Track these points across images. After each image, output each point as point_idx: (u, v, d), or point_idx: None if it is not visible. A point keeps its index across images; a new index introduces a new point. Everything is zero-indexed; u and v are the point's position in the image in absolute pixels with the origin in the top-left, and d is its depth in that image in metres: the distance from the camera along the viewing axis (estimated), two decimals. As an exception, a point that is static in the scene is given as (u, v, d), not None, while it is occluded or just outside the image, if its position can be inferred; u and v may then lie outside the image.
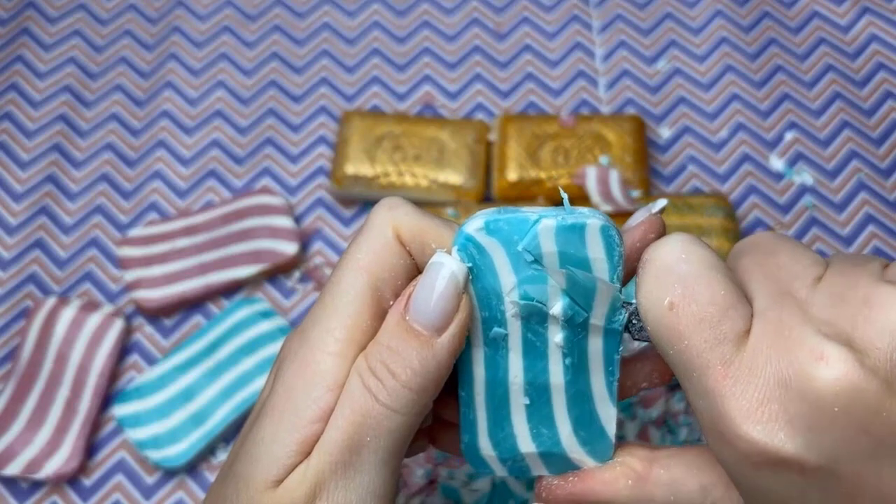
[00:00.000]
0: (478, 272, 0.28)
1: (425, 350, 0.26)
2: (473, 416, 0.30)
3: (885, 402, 0.23)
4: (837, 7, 0.56)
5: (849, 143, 0.52)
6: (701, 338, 0.25)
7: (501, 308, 0.28)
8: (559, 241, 0.27)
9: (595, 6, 0.57)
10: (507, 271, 0.27)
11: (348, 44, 0.57)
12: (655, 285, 0.26)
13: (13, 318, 0.49)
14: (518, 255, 0.27)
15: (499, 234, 0.27)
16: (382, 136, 0.51)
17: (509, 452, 0.31)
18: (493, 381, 0.29)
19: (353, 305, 0.27)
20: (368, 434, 0.26)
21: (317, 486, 0.27)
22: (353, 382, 0.27)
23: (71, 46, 0.57)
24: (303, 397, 0.27)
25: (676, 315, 0.26)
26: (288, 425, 0.27)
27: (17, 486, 0.45)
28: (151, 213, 0.52)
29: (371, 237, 0.28)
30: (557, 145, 0.50)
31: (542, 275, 0.27)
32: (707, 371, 0.25)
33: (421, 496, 0.43)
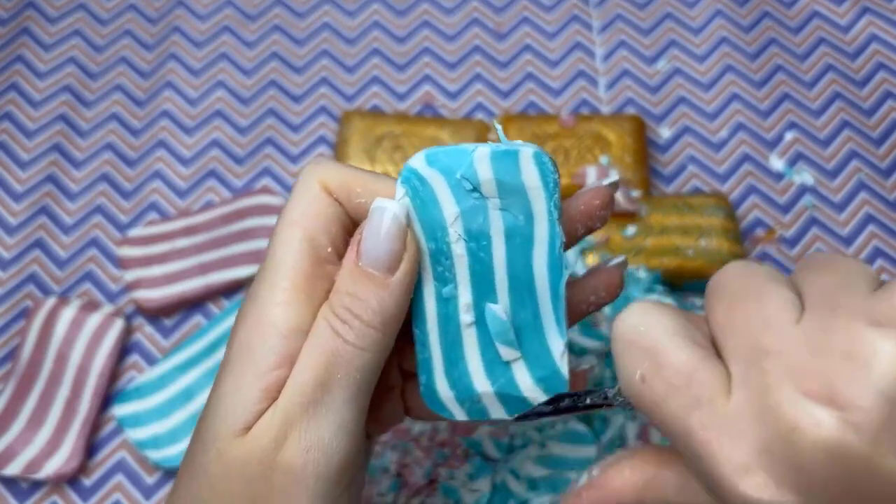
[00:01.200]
0: (421, 205, 0.29)
1: (381, 290, 0.28)
2: (429, 355, 0.31)
3: (871, 462, 0.23)
4: (837, 7, 0.56)
5: (849, 143, 0.52)
6: (675, 405, 0.26)
7: (447, 239, 0.29)
8: (495, 169, 0.29)
9: (595, 6, 0.57)
10: (449, 202, 0.29)
11: (348, 44, 0.57)
12: (625, 361, 0.28)
13: (13, 318, 0.49)
14: (458, 184, 0.29)
15: (438, 164, 0.29)
16: (382, 136, 0.51)
17: (466, 392, 0.31)
18: (445, 316, 0.30)
19: (291, 257, 0.29)
20: (338, 372, 0.28)
21: (287, 427, 0.28)
22: (321, 326, 0.28)
23: (71, 46, 0.57)
24: (259, 347, 0.28)
25: (649, 387, 0.27)
26: (249, 376, 0.28)
27: (17, 486, 0.45)
28: (151, 213, 0.52)
29: (300, 193, 0.30)
30: (557, 145, 0.50)
31: (482, 203, 0.29)
32: (690, 435, 0.26)
33: (421, 496, 0.43)
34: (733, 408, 0.25)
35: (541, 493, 0.42)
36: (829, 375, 0.23)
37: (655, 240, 0.47)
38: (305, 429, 0.27)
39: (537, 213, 0.29)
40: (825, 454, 0.23)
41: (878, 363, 0.23)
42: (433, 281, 0.30)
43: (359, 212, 0.30)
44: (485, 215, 0.29)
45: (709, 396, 0.25)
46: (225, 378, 0.29)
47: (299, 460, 0.27)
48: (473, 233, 0.29)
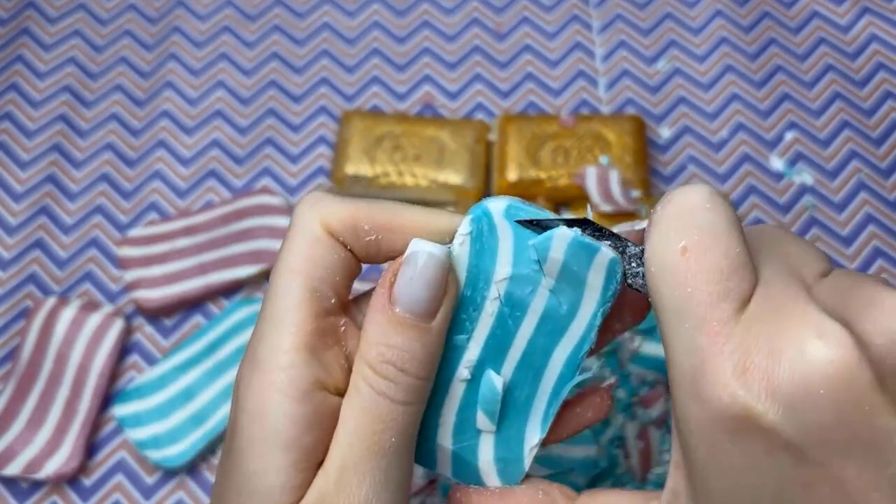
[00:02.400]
0: (478, 251, 0.28)
1: (426, 337, 0.26)
2: None
3: (870, 398, 0.23)
4: (837, 7, 0.56)
5: (849, 143, 0.52)
6: (706, 289, 0.24)
7: (485, 293, 0.28)
8: (568, 253, 0.27)
9: (595, 6, 0.57)
10: (506, 261, 0.28)
11: (348, 44, 0.57)
12: (673, 226, 0.25)
13: (13, 318, 0.49)
14: (524, 249, 0.27)
15: (514, 220, 0.27)
16: (382, 136, 0.51)
17: (427, 440, 0.30)
18: (444, 361, 0.29)
19: (292, 313, 0.27)
20: (390, 434, 0.26)
21: (351, 497, 0.26)
22: (361, 388, 0.26)
23: (71, 46, 0.57)
24: (275, 417, 0.26)
25: (687, 261, 0.24)
26: (275, 451, 0.26)
27: (17, 486, 0.45)
28: (151, 213, 0.52)
29: (298, 236, 0.27)
30: (557, 145, 0.50)
31: (537, 277, 0.28)
32: (703, 325, 0.24)
33: (421, 496, 0.43)
34: (753, 306, 0.24)
35: (541, 493, 0.42)
36: (852, 311, 0.23)
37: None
38: (368, 500, 0.26)
39: (582, 312, 0.28)
40: (829, 374, 0.22)
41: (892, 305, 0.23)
42: (451, 325, 0.28)
43: (368, 251, 0.28)
44: (533, 289, 0.28)
45: (740, 295, 0.24)
46: (245, 455, 0.27)
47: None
48: (513, 299, 0.28)
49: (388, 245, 0.28)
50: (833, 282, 0.25)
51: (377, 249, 0.28)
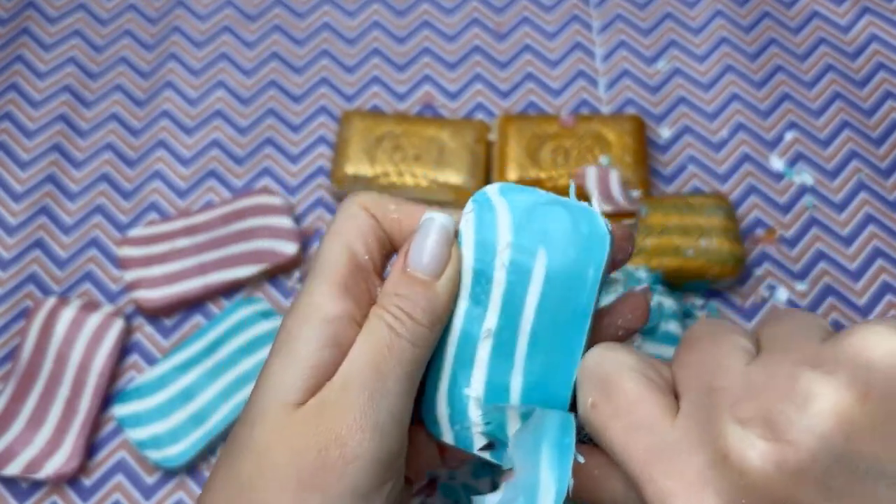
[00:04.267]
0: (480, 225, 0.31)
1: (429, 292, 0.30)
2: (439, 367, 0.32)
3: (794, 500, 0.24)
4: (837, 7, 0.56)
5: (849, 143, 0.52)
6: (618, 427, 0.28)
7: (493, 263, 0.31)
8: (555, 220, 0.31)
9: (595, 6, 0.57)
10: (506, 231, 0.31)
11: (348, 44, 0.57)
12: (582, 388, 0.30)
13: (13, 318, 0.49)
14: (520, 220, 0.30)
15: (509, 196, 0.31)
16: (382, 136, 0.51)
17: (460, 415, 0.32)
18: (466, 336, 0.31)
19: (333, 260, 0.31)
20: (393, 362, 0.29)
21: (344, 406, 0.28)
22: (374, 322, 0.30)
23: (71, 46, 0.57)
24: (305, 331, 0.30)
25: (597, 412, 0.28)
26: (297, 355, 0.29)
27: (17, 486, 0.45)
28: (151, 213, 0.52)
29: (342, 212, 0.33)
30: (557, 145, 0.50)
31: (535, 245, 0.30)
32: (630, 458, 0.27)
33: (421, 496, 0.43)
34: (675, 434, 0.27)
35: (541, 493, 0.42)
36: (768, 409, 0.25)
37: (655, 240, 0.47)
38: (363, 411, 0.28)
39: (581, 274, 0.30)
40: (754, 482, 0.24)
41: (815, 404, 0.24)
42: (468, 298, 0.31)
43: (392, 227, 0.32)
44: (533, 255, 0.30)
45: (650, 423, 0.27)
46: (272, 360, 0.30)
47: (355, 439, 0.28)
48: (517, 266, 0.30)
49: (408, 226, 0.32)
50: (750, 377, 0.26)
51: (399, 227, 0.32)
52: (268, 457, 0.28)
